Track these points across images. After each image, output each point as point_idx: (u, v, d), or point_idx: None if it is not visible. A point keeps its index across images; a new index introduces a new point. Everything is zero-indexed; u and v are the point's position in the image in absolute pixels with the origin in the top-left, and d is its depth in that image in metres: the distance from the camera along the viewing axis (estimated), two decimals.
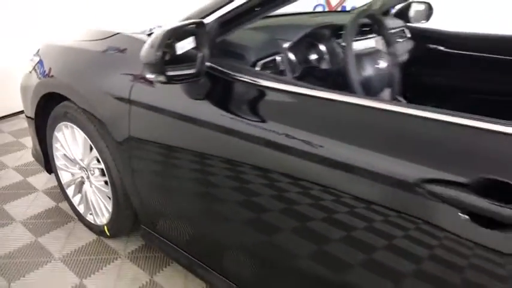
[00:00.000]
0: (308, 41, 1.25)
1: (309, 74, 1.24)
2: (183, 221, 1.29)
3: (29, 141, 2.35)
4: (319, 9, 4.18)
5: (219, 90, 1.03)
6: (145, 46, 0.88)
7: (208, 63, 1.02)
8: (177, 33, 0.89)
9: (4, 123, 2.91)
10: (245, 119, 0.95)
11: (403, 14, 2.19)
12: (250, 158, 0.94)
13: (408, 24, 2.14)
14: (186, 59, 0.97)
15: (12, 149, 2.49)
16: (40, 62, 1.66)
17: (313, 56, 1.24)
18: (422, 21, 2.21)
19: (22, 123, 2.87)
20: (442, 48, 2.03)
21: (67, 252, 1.62)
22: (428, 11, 2.19)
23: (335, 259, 0.86)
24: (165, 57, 0.87)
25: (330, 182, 0.80)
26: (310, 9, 4.18)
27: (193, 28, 0.93)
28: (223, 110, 0.99)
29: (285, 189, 0.88)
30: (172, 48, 0.87)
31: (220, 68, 1.02)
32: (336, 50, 1.23)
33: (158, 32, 0.87)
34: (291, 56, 1.20)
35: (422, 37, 2.06)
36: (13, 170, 2.24)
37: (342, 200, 0.79)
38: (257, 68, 1.11)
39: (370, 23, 1.46)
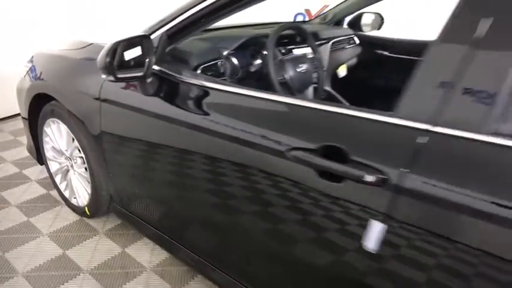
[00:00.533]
0: (244, 49, 1.53)
1: (247, 76, 1.52)
2: (149, 200, 1.56)
3: (25, 139, 2.64)
4: (300, 18, 4.46)
5: (165, 89, 1.31)
6: (100, 54, 1.17)
7: (158, 68, 1.31)
8: (125, 45, 1.17)
9: (4, 124, 3.20)
10: (185, 110, 1.22)
11: (355, 24, 2.47)
12: (190, 142, 1.22)
13: (359, 32, 2.42)
14: (139, 64, 1.25)
15: (10, 146, 2.78)
16: (32, 67, 1.95)
17: (249, 61, 1.52)
18: (374, 30, 2.49)
19: (20, 124, 3.15)
20: (386, 53, 2.30)
21: (54, 229, 1.89)
22: (380, 21, 2.47)
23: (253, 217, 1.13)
24: (114, 62, 1.14)
25: (241, 155, 1.07)
26: (291, 18, 4.45)
27: (140, 40, 1.21)
28: (169, 104, 1.27)
29: (217, 165, 1.15)
30: (121, 55, 1.15)
31: (167, 71, 1.30)
32: (264, 56, 1.51)
33: (109, 44, 1.15)
34: (231, 61, 1.48)
35: (369, 44, 2.33)
36: (10, 163, 2.53)
37: (252, 165, 1.06)
38: (198, 71, 1.38)
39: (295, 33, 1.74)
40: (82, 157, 1.78)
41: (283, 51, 1.68)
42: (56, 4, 3.36)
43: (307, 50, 1.74)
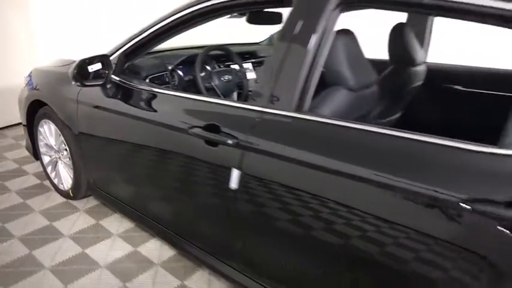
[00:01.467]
0: (184, 64, 2.05)
1: (185, 83, 2.03)
2: (118, 182, 2.05)
3: (25, 143, 3.16)
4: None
5: (121, 93, 1.81)
6: (70, 68, 1.68)
7: (117, 78, 1.82)
8: (89, 61, 1.69)
9: (9, 131, 3.73)
10: (136, 108, 1.72)
11: None
12: (140, 131, 1.71)
13: None
14: (100, 75, 1.76)
15: (12, 148, 3.30)
16: (30, 80, 2.47)
17: (186, 73, 2.04)
18: None
19: (21, 130, 3.67)
20: None
21: (44, 208, 2.38)
22: None
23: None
24: (81, 73, 1.66)
25: (175, 137, 1.56)
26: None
27: (100, 58, 1.72)
28: (124, 103, 1.78)
29: (161, 148, 1.64)
30: (86, 69, 1.67)
31: (123, 80, 1.81)
32: (197, 70, 2.02)
33: (78, 60, 1.67)
34: (175, 73, 2.00)
35: None
36: (11, 161, 3.04)
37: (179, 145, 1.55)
38: (147, 80, 1.90)
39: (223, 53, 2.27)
40: (67, 149, 2.29)
41: (219, 65, 2.20)
42: (52, 27, 3.93)
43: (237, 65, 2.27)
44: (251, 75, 2.29)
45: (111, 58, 1.84)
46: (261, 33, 3.09)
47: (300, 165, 1.17)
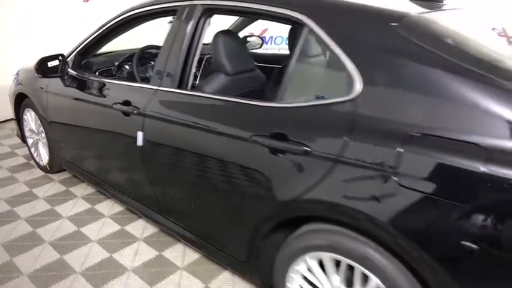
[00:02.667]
0: (128, 60, 2.59)
1: (128, 74, 2.58)
2: (84, 157, 2.59)
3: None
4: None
5: (76, 83, 2.37)
6: (34, 63, 2.24)
7: (73, 71, 2.38)
8: (48, 58, 2.25)
9: (7, 124, 4.35)
10: (86, 93, 2.27)
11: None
12: (91, 112, 2.24)
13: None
14: (60, 69, 2.32)
15: (8, 137, 3.91)
16: (17, 77, 3.05)
17: (129, 67, 2.59)
18: (257, 49, 3.52)
19: None
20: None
21: (27, 179, 2.96)
22: (260, 43, 3.50)
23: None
24: (42, 68, 2.22)
25: (117, 116, 2.11)
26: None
27: (58, 56, 2.28)
28: (78, 90, 2.33)
29: (108, 123, 2.16)
30: (46, 64, 2.23)
31: (77, 73, 2.37)
32: (134, 64, 2.54)
33: (39, 58, 2.23)
34: (121, 67, 2.55)
35: None
36: (7, 146, 3.65)
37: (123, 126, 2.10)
38: (96, 73, 2.45)
39: None
40: (43, 131, 2.86)
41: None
42: (45, 31, 4.53)
43: None
44: None
45: (71, 56, 2.40)
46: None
47: (180, 125, 1.70)
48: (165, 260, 2.05)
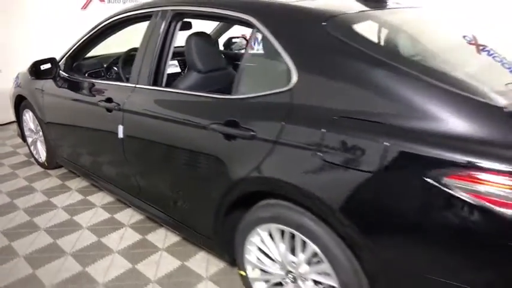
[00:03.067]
0: (115, 63, 2.80)
1: (116, 75, 2.79)
2: (76, 152, 2.80)
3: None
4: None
5: (68, 84, 2.59)
6: (28, 66, 2.47)
7: (65, 74, 2.60)
8: (40, 62, 2.47)
9: (11, 126, 4.60)
10: (76, 93, 2.49)
11: (227, 45, 3.70)
12: (82, 110, 2.46)
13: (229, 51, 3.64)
14: (52, 71, 2.55)
15: (11, 137, 4.16)
16: (17, 80, 3.29)
17: (116, 68, 2.80)
18: (243, 49, 3.71)
19: None
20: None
21: (27, 175, 3.19)
22: (246, 44, 3.69)
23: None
24: (35, 70, 2.44)
25: (104, 112, 2.32)
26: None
27: (49, 60, 2.50)
28: (70, 90, 2.54)
29: (98, 121, 2.39)
30: (40, 68, 2.45)
31: (68, 75, 2.59)
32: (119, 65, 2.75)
33: (32, 61, 2.46)
34: (109, 69, 2.76)
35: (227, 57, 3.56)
36: (9, 146, 3.89)
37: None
38: (86, 75, 2.66)
39: None
40: (41, 130, 3.08)
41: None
42: (47, 37, 4.78)
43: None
44: (175, 69, 3.04)
45: (62, 60, 2.63)
46: None
47: (153, 118, 1.90)
48: (147, 243, 2.25)
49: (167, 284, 1.90)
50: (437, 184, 1.04)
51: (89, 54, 2.83)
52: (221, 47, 3.65)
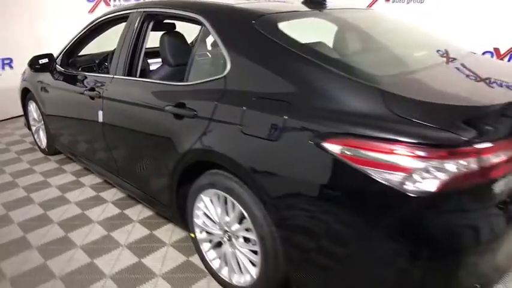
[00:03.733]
0: (105, 59, 3.14)
1: (106, 69, 3.12)
2: (69, 138, 3.15)
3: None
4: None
5: (63, 77, 2.94)
6: (29, 60, 2.82)
7: (61, 68, 2.95)
8: (39, 57, 2.82)
9: (21, 118, 5.02)
10: (68, 84, 2.83)
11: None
12: (75, 100, 2.79)
13: None
14: (50, 65, 2.90)
15: (21, 128, 4.55)
16: (24, 75, 3.67)
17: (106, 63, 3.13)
18: None
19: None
20: None
21: (30, 159, 3.56)
22: None
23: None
24: (34, 64, 2.80)
25: (93, 101, 2.66)
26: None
27: (47, 55, 2.86)
28: (65, 83, 2.89)
29: (89, 110, 2.73)
30: (38, 62, 2.80)
31: (64, 69, 2.94)
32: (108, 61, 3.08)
33: (32, 57, 2.81)
34: (101, 64, 3.10)
35: None
36: (18, 135, 4.29)
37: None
38: (79, 69, 3.00)
39: None
40: (42, 119, 3.45)
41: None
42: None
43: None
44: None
45: (60, 56, 2.98)
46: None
47: (125, 103, 2.21)
48: (124, 216, 2.56)
49: (171, 278, 1.97)
50: (319, 148, 1.30)
51: (86, 52, 3.20)
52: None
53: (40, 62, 2.84)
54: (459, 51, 1.97)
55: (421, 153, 1.15)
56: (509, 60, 4.41)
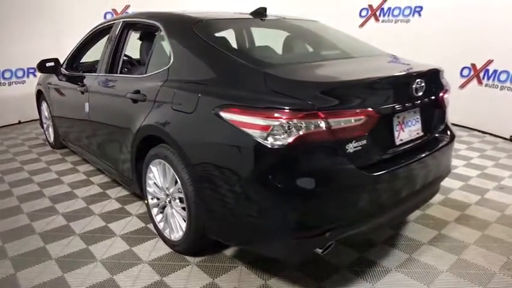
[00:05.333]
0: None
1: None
2: (68, 131, 3.67)
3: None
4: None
5: (67, 78, 3.47)
6: (37, 63, 3.39)
7: (66, 71, 3.50)
8: (46, 61, 3.39)
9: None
10: (69, 83, 3.36)
11: None
12: (76, 97, 3.31)
13: None
14: (56, 68, 3.46)
15: (38, 128, 5.17)
16: (39, 79, 4.27)
17: None
18: None
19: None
20: None
21: (39, 152, 4.10)
22: None
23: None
24: (41, 66, 3.36)
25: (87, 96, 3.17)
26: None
27: (53, 59, 3.42)
28: (69, 83, 3.42)
29: (85, 103, 3.26)
30: (45, 65, 3.36)
31: (68, 72, 3.48)
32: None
33: (40, 60, 3.38)
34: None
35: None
36: (34, 134, 4.88)
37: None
38: (81, 72, 3.54)
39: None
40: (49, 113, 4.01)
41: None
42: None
43: None
44: None
45: (65, 61, 3.55)
46: None
47: (103, 94, 2.69)
48: (105, 194, 2.99)
49: (128, 238, 2.32)
50: (218, 117, 1.68)
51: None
52: None
53: (47, 65, 3.40)
54: (373, 52, 2.35)
55: (280, 115, 1.50)
56: (484, 75, 4.67)
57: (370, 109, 1.62)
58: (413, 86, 1.79)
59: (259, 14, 2.49)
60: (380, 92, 1.72)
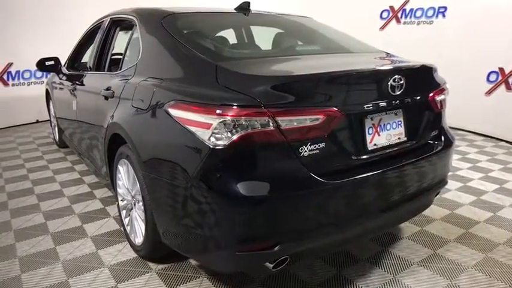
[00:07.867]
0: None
1: None
2: (65, 128, 3.69)
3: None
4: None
5: (67, 76, 3.49)
6: (37, 62, 3.43)
7: (66, 70, 3.52)
8: (46, 59, 3.42)
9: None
10: (67, 81, 3.38)
11: None
12: (67, 94, 3.34)
13: None
14: (56, 67, 3.49)
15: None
16: (48, 79, 4.36)
17: None
18: None
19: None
20: None
21: (44, 150, 4.16)
22: None
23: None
24: (41, 65, 3.40)
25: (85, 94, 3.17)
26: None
27: (53, 58, 3.45)
28: (68, 81, 3.44)
29: (83, 99, 3.27)
30: (44, 64, 3.40)
31: (68, 71, 3.50)
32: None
33: (39, 59, 3.42)
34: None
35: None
36: (46, 133, 5.00)
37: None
38: (80, 70, 3.55)
39: None
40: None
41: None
42: None
43: None
44: None
45: (67, 61, 3.57)
46: None
47: (84, 92, 2.65)
48: (91, 194, 2.95)
49: (97, 240, 2.25)
50: (166, 113, 1.55)
51: None
52: None
53: (46, 64, 3.44)
54: (361, 49, 2.14)
55: (222, 112, 1.34)
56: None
57: (333, 108, 1.43)
58: (390, 84, 1.57)
59: (243, 9, 2.36)
60: (347, 89, 1.51)
